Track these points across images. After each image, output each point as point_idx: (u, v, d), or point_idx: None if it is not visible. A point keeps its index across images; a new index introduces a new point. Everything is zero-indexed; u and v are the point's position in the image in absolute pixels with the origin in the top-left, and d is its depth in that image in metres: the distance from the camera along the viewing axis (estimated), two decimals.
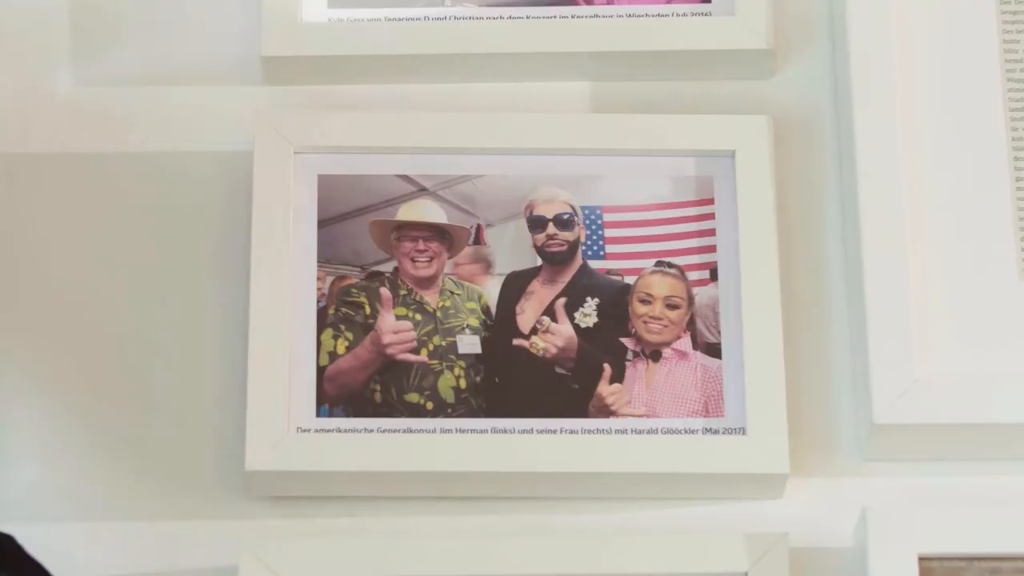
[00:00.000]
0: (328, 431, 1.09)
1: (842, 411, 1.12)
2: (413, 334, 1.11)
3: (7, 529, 0.92)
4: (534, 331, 1.12)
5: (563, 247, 1.14)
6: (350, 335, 1.11)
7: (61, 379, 1.12)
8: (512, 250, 1.14)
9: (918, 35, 1.14)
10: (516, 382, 1.11)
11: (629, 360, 1.11)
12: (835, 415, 1.12)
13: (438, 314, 1.12)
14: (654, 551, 1.06)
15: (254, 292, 1.10)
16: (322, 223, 1.13)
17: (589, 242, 1.14)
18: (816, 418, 1.12)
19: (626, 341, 1.12)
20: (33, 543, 0.93)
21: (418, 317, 1.12)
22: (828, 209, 1.16)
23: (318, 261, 1.12)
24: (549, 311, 1.12)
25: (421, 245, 1.13)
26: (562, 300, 1.13)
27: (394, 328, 1.11)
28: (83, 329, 1.13)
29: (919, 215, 1.12)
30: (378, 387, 1.10)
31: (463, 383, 1.11)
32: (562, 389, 1.11)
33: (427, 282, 1.13)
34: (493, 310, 1.12)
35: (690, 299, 1.13)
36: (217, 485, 1.09)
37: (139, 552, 1.08)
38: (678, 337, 1.12)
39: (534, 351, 1.11)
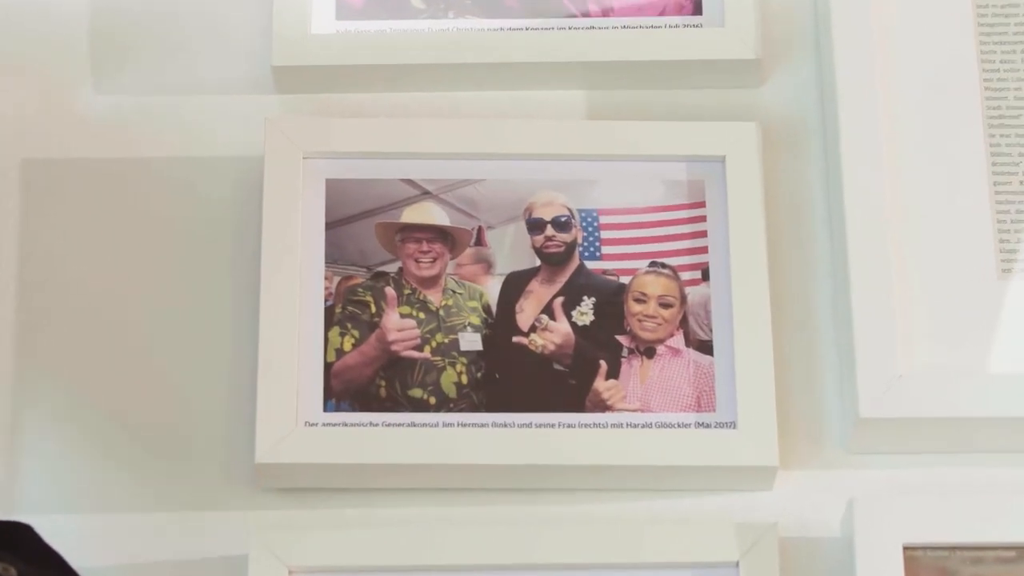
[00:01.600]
0: (335, 425, 1.09)
1: (829, 406, 1.11)
2: (417, 332, 1.11)
3: (26, 519, 0.92)
4: (533, 329, 1.12)
5: (561, 248, 1.13)
6: (356, 333, 1.10)
7: (77, 375, 1.11)
8: (512, 251, 1.13)
9: (900, 45, 1.14)
10: (516, 378, 1.11)
11: (624, 357, 1.11)
12: (822, 409, 1.11)
13: (441, 313, 1.11)
14: (648, 540, 1.05)
15: (264, 291, 1.10)
16: (330, 225, 1.13)
17: (586, 243, 1.13)
18: (804, 412, 1.11)
19: (621, 338, 1.11)
20: (51, 533, 0.93)
21: (422, 315, 1.11)
22: (815, 211, 1.15)
23: (326, 262, 1.11)
24: (547, 310, 1.12)
25: (424, 246, 1.12)
26: (560, 299, 1.12)
27: (399, 326, 1.10)
28: (99, 327, 1.12)
29: (902, 216, 1.11)
30: (383, 383, 1.10)
31: (465, 379, 1.10)
32: (560, 385, 1.10)
33: (430, 282, 1.12)
34: (494, 309, 1.12)
35: (683, 298, 1.12)
36: (228, 477, 1.09)
37: (152, 542, 1.07)
38: (671, 334, 1.11)
39: (533, 348, 1.11)
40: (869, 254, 1.10)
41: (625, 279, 1.12)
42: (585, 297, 1.12)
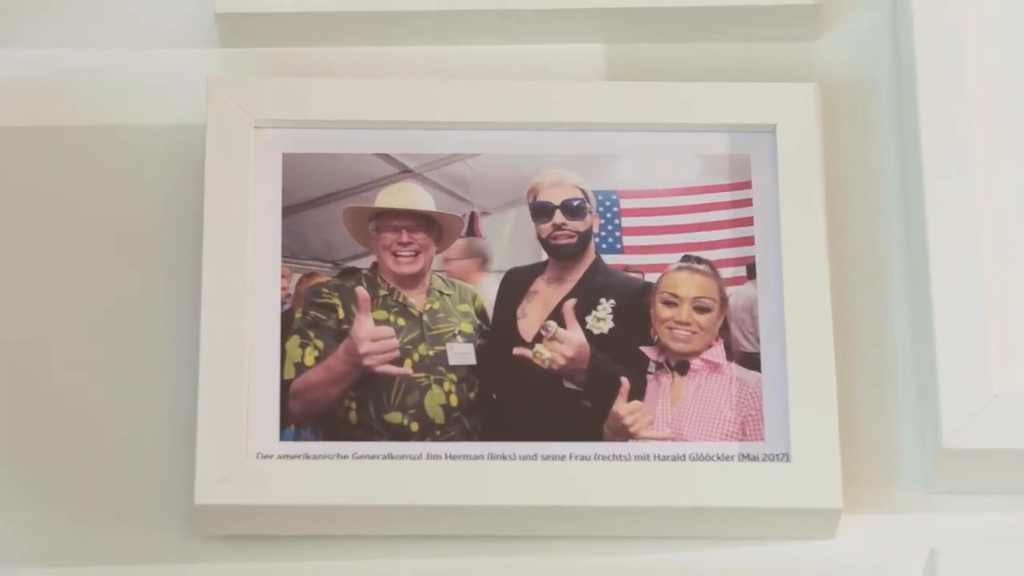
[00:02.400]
0: (294, 457, 1.05)
1: (905, 434, 1.08)
2: (395, 342, 1.07)
3: None
4: (538, 338, 1.08)
5: (572, 239, 1.09)
6: (320, 343, 1.07)
7: None
8: (512, 243, 1.09)
9: None
10: (517, 399, 1.07)
11: (651, 373, 1.07)
12: (897, 439, 1.08)
13: (425, 318, 1.08)
14: None
15: (206, 292, 1.06)
16: (287, 210, 1.09)
17: (603, 233, 1.09)
18: (874, 442, 1.08)
19: (647, 350, 1.08)
20: None
21: (401, 322, 1.08)
22: (887, 193, 1.12)
23: (282, 255, 1.08)
24: (556, 315, 1.08)
25: (404, 237, 1.08)
26: (571, 302, 1.08)
27: (373, 335, 1.07)
28: (5, 337, 1.09)
29: (995, 200, 1.07)
30: (353, 405, 1.06)
31: (454, 400, 1.06)
32: (572, 407, 1.07)
33: (412, 280, 1.08)
34: (490, 314, 1.08)
35: (723, 301, 1.08)
36: (162, 522, 1.06)
37: None
38: (709, 345, 1.07)
39: (538, 362, 1.07)
40: (955, 246, 1.06)
41: (652, 277, 1.09)
42: (602, 299, 1.08)
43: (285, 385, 1.05)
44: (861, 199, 1.11)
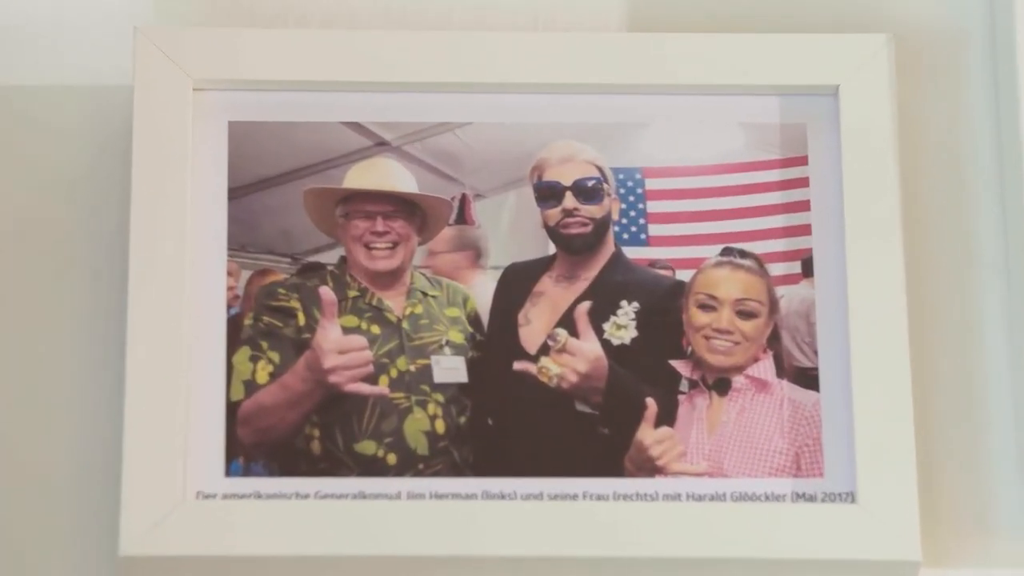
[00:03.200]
0: (242, 497, 0.99)
1: (999, 472, 1.02)
2: (368, 354, 1.02)
3: None
4: (545, 350, 1.03)
5: (586, 227, 1.04)
6: (276, 356, 1.02)
7: None
8: (513, 232, 1.05)
9: None
10: (518, 425, 1.01)
11: (683, 392, 1.02)
12: (989, 477, 1.02)
13: (405, 325, 1.03)
14: None
15: (134, 293, 1.00)
16: (235, 192, 1.04)
17: (625, 220, 1.05)
18: (960, 481, 1.02)
19: (679, 365, 1.03)
20: None
21: (375, 330, 1.03)
22: (978, 170, 1.06)
23: (228, 247, 1.03)
24: (566, 321, 1.03)
25: (380, 225, 1.04)
26: (585, 305, 1.03)
27: (340, 346, 1.01)
28: None
29: None
30: (317, 432, 1.01)
31: (440, 426, 1.01)
32: (586, 435, 1.01)
33: (389, 279, 1.03)
34: (485, 320, 1.03)
35: (772, 304, 1.03)
36: None
37: None
38: (755, 359, 1.02)
39: (544, 379, 1.02)
40: None
41: (684, 274, 1.03)
42: (624, 302, 1.03)
43: (232, 408, 1.00)
44: (945, 177, 1.06)
